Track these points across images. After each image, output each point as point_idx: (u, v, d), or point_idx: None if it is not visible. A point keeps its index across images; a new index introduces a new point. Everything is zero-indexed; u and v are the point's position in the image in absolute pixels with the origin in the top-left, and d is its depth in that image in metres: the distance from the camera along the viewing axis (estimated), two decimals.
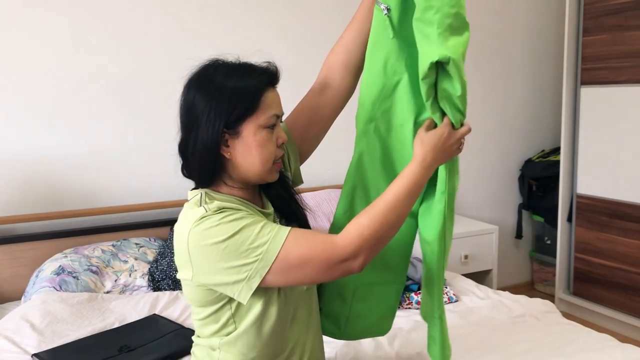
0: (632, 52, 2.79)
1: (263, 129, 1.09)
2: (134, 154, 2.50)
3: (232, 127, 1.08)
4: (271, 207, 1.21)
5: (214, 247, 1.02)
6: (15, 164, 2.29)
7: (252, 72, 1.11)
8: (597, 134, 2.99)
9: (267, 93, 1.10)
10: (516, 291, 2.35)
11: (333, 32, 2.82)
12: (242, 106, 1.07)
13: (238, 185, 1.15)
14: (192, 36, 2.56)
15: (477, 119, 3.34)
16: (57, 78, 2.34)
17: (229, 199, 1.13)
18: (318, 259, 1.04)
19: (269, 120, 1.09)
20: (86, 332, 1.78)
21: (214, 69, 1.12)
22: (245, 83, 1.08)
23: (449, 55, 1.04)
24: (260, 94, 1.08)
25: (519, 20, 3.43)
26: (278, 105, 1.13)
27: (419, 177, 1.11)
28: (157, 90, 2.51)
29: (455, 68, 1.06)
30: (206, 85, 1.09)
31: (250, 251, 1.02)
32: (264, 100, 1.09)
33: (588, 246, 3.09)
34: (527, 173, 3.49)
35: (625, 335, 2.87)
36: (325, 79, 1.28)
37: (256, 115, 1.08)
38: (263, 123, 1.09)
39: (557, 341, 1.74)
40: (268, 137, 1.10)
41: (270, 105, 1.10)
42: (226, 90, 1.07)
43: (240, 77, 1.09)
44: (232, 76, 1.09)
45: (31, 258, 2.23)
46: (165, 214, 2.53)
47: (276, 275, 1.03)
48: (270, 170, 1.12)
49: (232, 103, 1.07)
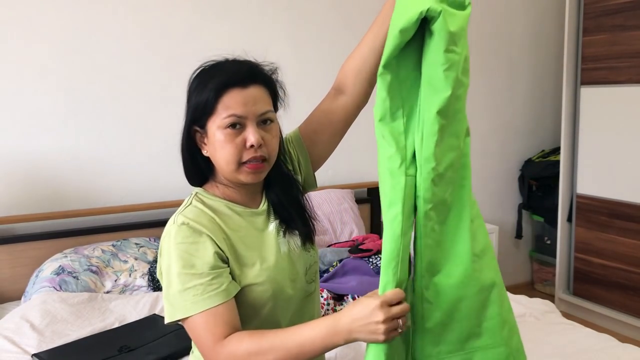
0: (632, 52, 2.79)
1: (223, 129, 1.07)
2: (134, 154, 2.50)
3: (200, 125, 1.10)
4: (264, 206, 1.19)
5: (162, 260, 1.08)
6: (15, 164, 2.29)
7: (221, 70, 1.10)
8: (597, 134, 2.99)
9: (230, 92, 1.07)
10: (516, 291, 2.35)
11: (340, 35, 2.83)
12: (202, 103, 1.07)
13: (230, 184, 1.14)
14: (193, 36, 2.56)
15: (477, 118, 3.34)
16: (58, 78, 2.34)
17: (217, 202, 1.14)
18: (200, 347, 1.03)
19: (225, 120, 1.06)
20: (86, 332, 1.78)
21: (203, 66, 1.14)
22: (211, 80, 1.08)
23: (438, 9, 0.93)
24: (218, 93, 1.06)
25: (519, 20, 3.43)
26: (243, 105, 1.07)
27: (322, 341, 0.96)
28: (157, 90, 2.51)
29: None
30: (194, 81, 1.13)
31: (171, 292, 1.04)
32: (222, 100, 1.06)
33: (588, 246, 3.09)
34: (527, 173, 3.49)
35: (625, 335, 2.87)
36: (339, 84, 1.24)
37: (215, 115, 1.07)
38: (220, 123, 1.07)
39: (557, 341, 1.74)
40: (228, 138, 1.06)
41: (230, 106, 1.06)
42: (197, 86, 1.10)
43: (210, 75, 1.09)
44: (207, 74, 1.10)
45: (31, 258, 2.23)
46: (165, 214, 2.52)
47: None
48: (239, 171, 1.09)
49: (197, 99, 1.09)
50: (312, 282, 1.23)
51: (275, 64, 1.16)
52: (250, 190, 1.17)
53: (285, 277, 1.14)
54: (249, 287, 1.09)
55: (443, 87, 0.97)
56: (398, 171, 0.99)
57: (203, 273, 1.03)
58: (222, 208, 1.13)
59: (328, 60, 2.82)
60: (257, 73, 1.11)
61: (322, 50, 2.85)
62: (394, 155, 1.00)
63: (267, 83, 1.13)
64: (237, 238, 1.12)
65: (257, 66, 1.13)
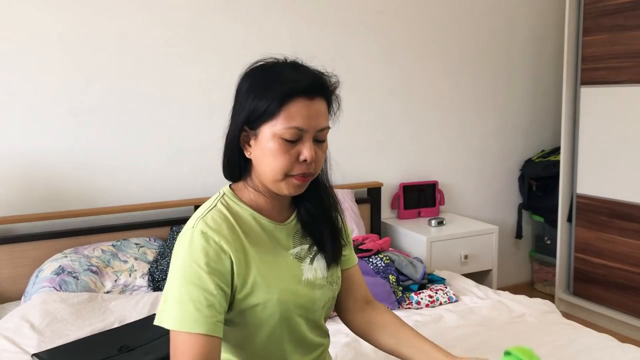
0: (632, 52, 2.79)
1: (279, 138, 1.01)
2: (134, 154, 2.50)
3: (252, 127, 1.04)
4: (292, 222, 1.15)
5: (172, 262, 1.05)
6: (15, 164, 2.29)
7: (290, 75, 1.03)
8: (597, 134, 2.99)
9: (296, 102, 1.01)
10: (516, 291, 2.35)
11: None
12: (262, 107, 1.01)
13: (261, 189, 1.10)
14: (193, 36, 2.56)
15: (477, 119, 3.34)
16: (58, 78, 2.34)
17: (241, 209, 1.10)
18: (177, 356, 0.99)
19: (286, 131, 1.00)
20: (86, 332, 1.78)
21: (266, 63, 1.08)
22: (275, 84, 1.01)
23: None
24: (283, 101, 1.00)
25: (519, 20, 3.43)
26: (307, 119, 1.01)
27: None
28: (157, 90, 2.51)
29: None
30: (249, 77, 1.06)
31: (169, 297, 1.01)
32: (286, 109, 1.00)
33: (588, 246, 3.09)
34: (527, 173, 3.49)
35: (625, 335, 2.87)
36: (367, 318, 1.25)
37: (274, 121, 1.01)
38: (279, 132, 1.01)
39: (557, 341, 1.74)
40: (282, 149, 1.01)
41: (294, 117, 1.00)
42: (258, 87, 1.03)
43: (276, 77, 1.03)
44: (271, 74, 1.04)
45: (31, 258, 2.23)
46: (165, 214, 2.53)
47: None
48: (284, 182, 1.05)
49: (255, 101, 1.02)
50: (325, 319, 1.21)
51: (337, 77, 1.10)
52: (281, 202, 1.13)
53: (299, 306, 1.10)
54: (258, 307, 1.05)
55: None
56: None
57: (207, 290, 0.99)
58: (246, 217, 1.09)
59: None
60: (324, 86, 1.06)
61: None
62: None
63: (329, 97, 1.08)
64: (255, 253, 1.07)
65: (324, 77, 1.07)
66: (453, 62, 3.23)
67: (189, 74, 2.57)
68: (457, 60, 3.24)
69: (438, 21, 3.15)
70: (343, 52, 2.90)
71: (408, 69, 3.10)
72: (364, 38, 2.95)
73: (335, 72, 1.14)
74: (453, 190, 3.32)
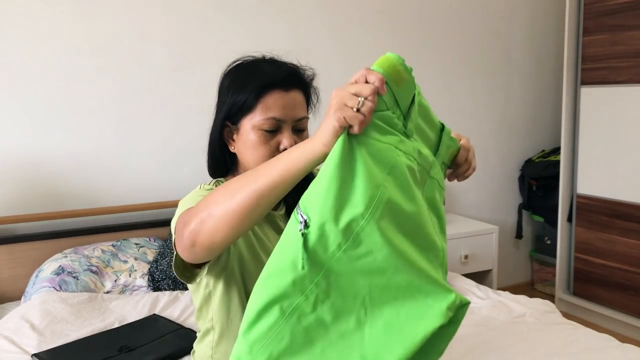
0: (632, 52, 2.79)
1: (258, 130, 1.06)
2: (134, 154, 2.50)
3: (234, 122, 1.09)
4: (282, 211, 1.19)
5: (180, 206, 1.04)
6: (15, 164, 2.29)
7: (264, 69, 1.08)
8: (597, 134, 2.99)
9: (272, 94, 1.05)
10: (516, 291, 2.35)
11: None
12: (240, 101, 1.06)
13: None
14: (193, 36, 2.56)
15: (477, 118, 3.34)
16: (58, 78, 2.34)
17: None
18: (178, 221, 0.95)
19: (264, 122, 1.05)
20: (86, 332, 1.78)
21: (243, 61, 1.13)
22: (251, 79, 1.06)
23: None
24: (260, 93, 1.05)
25: (519, 20, 3.43)
26: (283, 109, 1.06)
27: (299, 148, 0.81)
28: (157, 90, 2.51)
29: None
30: (228, 75, 1.12)
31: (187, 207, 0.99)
32: (263, 101, 1.05)
33: (588, 246, 3.09)
34: (527, 173, 3.49)
35: (625, 335, 2.87)
36: None
37: (252, 114, 1.06)
38: (258, 124, 1.06)
39: (557, 341, 1.74)
40: (262, 139, 1.06)
41: (270, 108, 1.05)
42: (235, 83, 1.08)
43: (250, 72, 1.08)
44: (246, 71, 1.09)
45: (31, 258, 2.23)
46: (165, 214, 2.53)
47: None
48: None
49: (234, 96, 1.07)
50: None
51: (314, 70, 1.15)
52: None
53: None
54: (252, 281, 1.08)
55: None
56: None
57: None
58: None
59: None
60: (300, 77, 1.11)
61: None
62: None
63: (306, 88, 1.13)
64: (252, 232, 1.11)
65: (299, 70, 1.12)
66: (453, 62, 3.23)
67: (189, 74, 2.57)
68: (457, 60, 3.24)
69: (437, 21, 3.15)
70: (343, 52, 2.90)
71: None
72: (363, 38, 2.95)
73: (335, 72, 1.15)
74: (453, 190, 3.32)
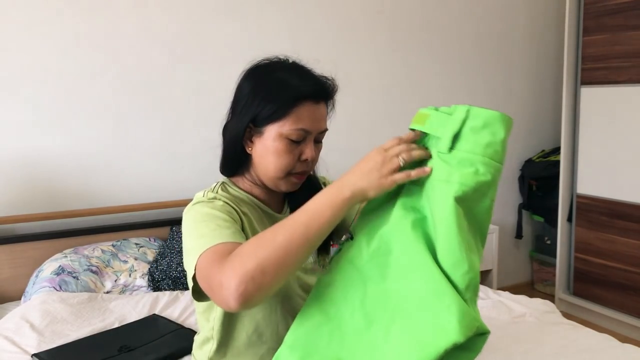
0: (632, 52, 2.79)
1: (285, 138, 1.06)
2: (134, 154, 2.50)
3: (257, 125, 1.08)
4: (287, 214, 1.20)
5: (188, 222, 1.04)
6: (15, 164, 2.29)
7: (298, 79, 1.08)
8: (597, 134, 2.99)
9: (304, 106, 1.06)
10: (516, 291, 2.35)
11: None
12: (271, 108, 1.05)
13: (259, 183, 1.14)
14: (193, 36, 2.56)
15: None
16: (58, 78, 2.34)
17: (242, 195, 1.14)
18: (210, 278, 0.89)
19: (293, 132, 1.05)
20: (86, 332, 1.78)
21: (270, 63, 1.12)
22: (285, 87, 1.06)
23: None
24: (292, 104, 1.05)
25: (519, 20, 3.43)
26: (313, 121, 1.07)
27: (328, 199, 0.91)
28: (157, 90, 2.51)
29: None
30: (254, 77, 1.10)
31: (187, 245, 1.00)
32: (295, 111, 1.05)
33: (588, 246, 3.09)
34: (527, 173, 3.49)
35: (625, 335, 2.87)
36: None
37: (282, 122, 1.05)
38: (286, 133, 1.05)
39: (557, 341, 1.74)
40: (287, 148, 1.06)
41: (301, 119, 1.05)
42: (265, 88, 1.07)
43: (281, 80, 1.07)
44: (278, 76, 1.08)
45: (31, 258, 2.23)
46: (165, 214, 2.53)
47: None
48: (284, 180, 1.10)
49: (264, 102, 1.06)
50: None
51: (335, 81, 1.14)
52: (277, 195, 1.19)
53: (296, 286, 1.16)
54: None
55: None
56: None
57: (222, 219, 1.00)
58: (247, 201, 1.14)
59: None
60: (329, 92, 1.11)
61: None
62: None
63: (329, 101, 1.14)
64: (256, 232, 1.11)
65: (328, 83, 1.12)
66: (453, 62, 3.23)
67: (189, 74, 2.57)
68: (457, 60, 3.24)
69: (438, 21, 3.15)
70: (343, 52, 2.90)
71: (407, 69, 3.10)
72: (363, 38, 2.95)
73: (335, 72, 1.15)
74: None
